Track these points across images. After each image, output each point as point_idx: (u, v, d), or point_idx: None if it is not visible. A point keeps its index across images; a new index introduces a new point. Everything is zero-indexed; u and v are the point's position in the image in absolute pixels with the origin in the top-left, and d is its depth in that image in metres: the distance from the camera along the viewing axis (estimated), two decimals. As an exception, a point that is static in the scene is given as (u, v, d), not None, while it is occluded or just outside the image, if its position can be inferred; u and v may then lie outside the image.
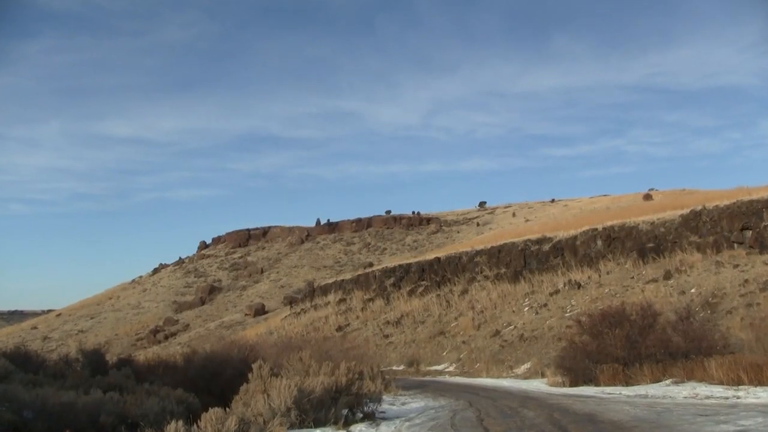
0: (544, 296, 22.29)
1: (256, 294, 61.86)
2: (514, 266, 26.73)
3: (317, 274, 67.40)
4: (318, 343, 19.30)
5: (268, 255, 79.74)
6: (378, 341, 26.15)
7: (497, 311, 23.25)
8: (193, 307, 61.07)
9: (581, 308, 18.41)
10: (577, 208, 64.51)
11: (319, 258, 74.07)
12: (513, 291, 24.71)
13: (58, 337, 54.36)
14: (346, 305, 34.20)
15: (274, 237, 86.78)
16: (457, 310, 25.83)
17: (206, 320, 54.97)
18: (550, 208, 74.00)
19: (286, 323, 35.88)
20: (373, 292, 33.74)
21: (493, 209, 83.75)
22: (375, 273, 36.00)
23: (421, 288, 30.80)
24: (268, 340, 28.11)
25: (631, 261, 21.65)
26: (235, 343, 18.48)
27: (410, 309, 28.43)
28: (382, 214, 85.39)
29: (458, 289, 28.22)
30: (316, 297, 39.07)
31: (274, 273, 70.25)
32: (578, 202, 73.25)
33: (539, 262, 25.83)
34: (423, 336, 24.43)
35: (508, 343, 19.34)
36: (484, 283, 27.20)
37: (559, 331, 17.72)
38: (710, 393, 8.83)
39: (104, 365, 12.70)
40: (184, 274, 75.56)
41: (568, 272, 23.65)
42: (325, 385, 8.64)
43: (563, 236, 26.02)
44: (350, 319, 31.40)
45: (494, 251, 28.63)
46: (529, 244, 27.03)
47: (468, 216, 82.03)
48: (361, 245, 76.54)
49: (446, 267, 30.88)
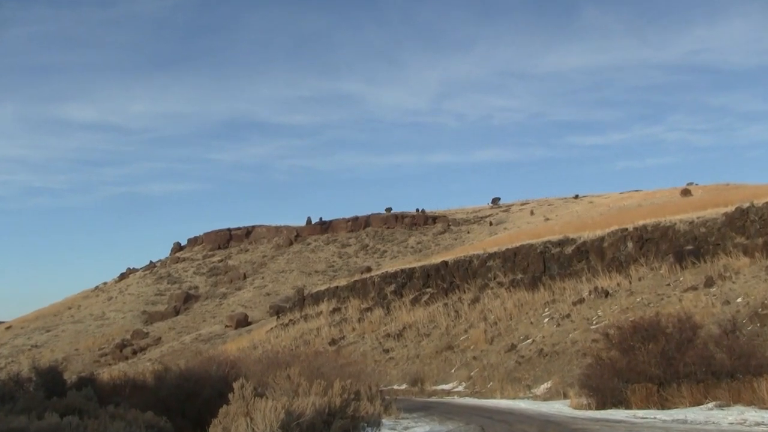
0: (566, 306, 22.24)
1: (238, 303, 61.87)
2: (532, 271, 26.70)
3: (308, 280, 67.40)
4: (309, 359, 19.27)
5: (251, 258, 79.79)
6: (377, 356, 26.13)
7: (513, 323, 23.20)
8: (166, 317, 61.10)
9: (609, 319, 18.36)
10: (605, 205, 64.52)
11: (310, 262, 74.10)
12: (531, 299, 24.67)
13: (8, 353, 54.35)
14: (340, 315, 34.19)
15: (259, 238, 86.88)
16: (467, 321, 25.80)
17: (181, 333, 54.98)
18: (573, 205, 73.98)
19: (272, 336, 35.87)
20: (372, 301, 33.71)
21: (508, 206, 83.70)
22: (374, 279, 35.96)
23: (426, 296, 30.77)
24: (252, 355, 28.08)
25: (666, 266, 21.60)
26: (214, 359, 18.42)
27: (413, 320, 28.41)
28: (382, 212, 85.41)
29: (468, 298, 28.19)
30: (306, 306, 39.05)
31: (258, 279, 70.29)
32: (606, 198, 73.28)
33: (561, 267, 25.79)
34: (428, 351, 24.40)
35: (525, 360, 19.30)
36: (498, 290, 27.17)
37: (584, 346, 17.66)
38: (761, 419, 8.77)
39: (62, 385, 12.63)
40: (155, 280, 75.58)
41: (594, 278, 23.61)
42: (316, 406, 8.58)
43: (588, 237, 25.98)
44: (345, 331, 31.38)
45: (509, 254, 28.59)
46: (550, 246, 26.99)
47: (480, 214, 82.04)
48: (358, 247, 76.59)
49: (455, 272, 30.85)
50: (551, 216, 67.02)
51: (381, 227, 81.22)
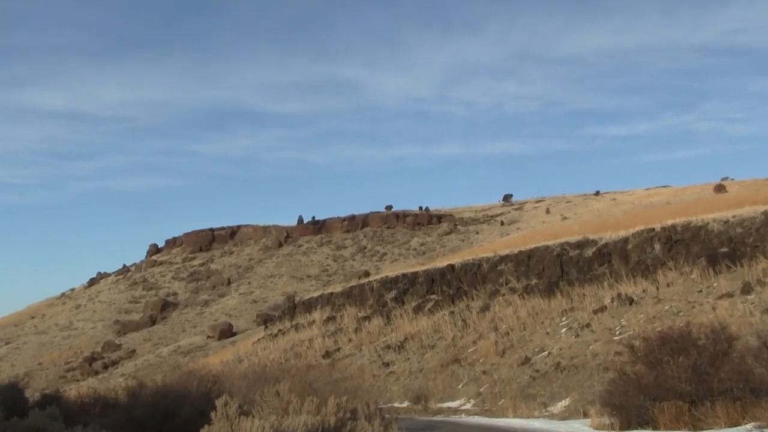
0: (586, 314, 22.22)
1: (222, 311, 61.89)
2: (548, 276, 26.69)
3: (299, 285, 67.40)
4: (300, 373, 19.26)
5: (237, 262, 79.78)
6: (376, 371, 26.12)
7: (527, 333, 23.19)
8: (141, 327, 61.12)
9: (634, 330, 18.35)
10: (629, 202, 64.57)
11: (302, 265, 74.10)
12: (547, 307, 24.66)
13: (-35, 366, 54.36)
14: (335, 325, 34.19)
15: (245, 239, 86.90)
16: (475, 331, 25.79)
17: (157, 344, 55.01)
18: (594, 202, 73.97)
19: (259, 348, 35.89)
20: (370, 309, 33.71)
21: (521, 204, 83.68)
22: (372, 284, 35.96)
23: (431, 303, 30.77)
24: (237, 369, 28.08)
25: (698, 270, 21.58)
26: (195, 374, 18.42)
27: (416, 330, 28.40)
28: (382, 211, 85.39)
29: (477, 305, 28.19)
30: (297, 315, 39.06)
31: (244, 284, 70.27)
32: (630, 195, 73.31)
33: (580, 271, 25.79)
34: (433, 364, 24.39)
35: (540, 374, 19.29)
36: (510, 297, 27.16)
37: (606, 359, 17.64)
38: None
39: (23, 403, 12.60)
40: (129, 286, 75.59)
41: (617, 284, 23.60)
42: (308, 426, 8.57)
43: (611, 238, 25.97)
44: (341, 342, 31.39)
45: (523, 257, 28.59)
46: (567, 248, 26.99)
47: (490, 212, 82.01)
48: (355, 249, 76.55)
49: (462, 277, 30.85)
50: (569, 215, 67.03)
51: (380, 227, 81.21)
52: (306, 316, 37.62)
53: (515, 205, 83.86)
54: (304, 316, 37.92)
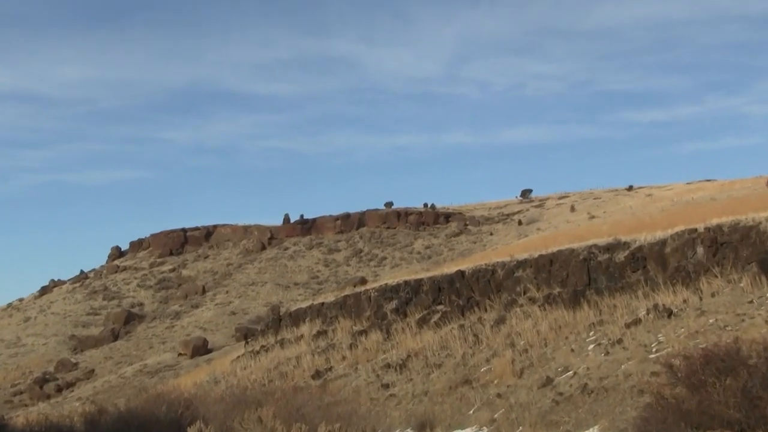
0: (617, 328, 22.20)
1: (195, 324, 61.86)
2: (574, 284, 26.68)
3: (285, 294, 67.36)
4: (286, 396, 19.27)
5: (213, 267, 79.73)
6: (374, 393, 26.12)
7: (548, 350, 23.17)
8: (102, 343, 61.09)
9: (673, 347, 18.32)
10: (668, 198, 64.60)
11: (289, 271, 74.06)
12: (572, 320, 24.64)
13: None
14: (326, 341, 34.21)
15: (223, 240, 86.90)
16: (489, 347, 25.78)
17: (120, 363, 54.96)
18: (626, 198, 74.06)
19: (238, 367, 35.91)
20: (367, 322, 33.72)
21: (542, 201, 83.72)
22: (369, 293, 35.96)
23: (437, 315, 30.78)
24: (213, 391, 28.07)
25: (748, 277, 21.54)
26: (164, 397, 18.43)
27: (421, 346, 28.39)
28: (381, 208, 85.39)
29: (491, 318, 28.19)
30: (283, 328, 39.07)
31: (221, 293, 70.26)
32: (669, 190, 73.39)
33: (610, 279, 25.77)
34: (439, 386, 24.39)
35: (564, 398, 19.28)
36: (530, 308, 27.16)
37: (641, 381, 17.62)
38: None
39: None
40: (87, 296, 75.54)
41: (653, 293, 23.58)
42: (294, 460, 8.51)
43: (646, 240, 25.94)
44: (333, 360, 31.40)
45: (544, 262, 28.58)
46: (596, 251, 26.97)
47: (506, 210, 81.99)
48: (350, 253, 76.53)
49: (473, 285, 30.85)
50: (598, 213, 67.10)
51: (379, 227, 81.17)
52: (293, 330, 37.61)
53: (535, 202, 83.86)
54: (291, 330, 37.91)
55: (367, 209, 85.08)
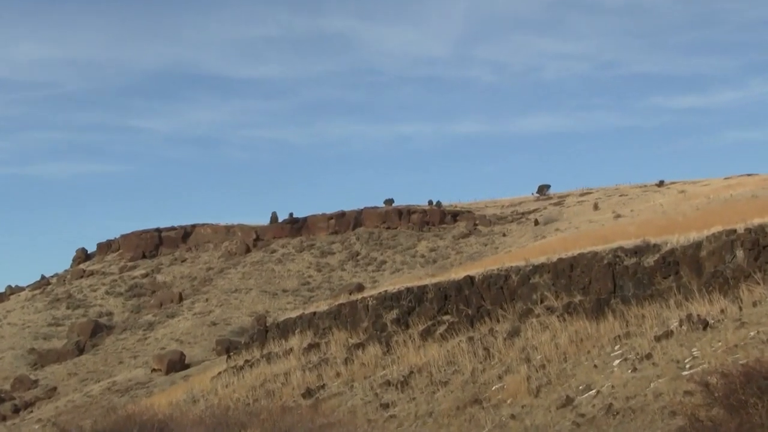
0: (646, 342, 22.18)
1: (171, 336, 61.92)
2: (597, 292, 26.70)
3: (272, 302, 67.37)
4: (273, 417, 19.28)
5: (191, 272, 79.81)
6: (372, 414, 26.15)
7: (568, 366, 23.17)
8: (65, 358, 61.09)
9: (710, 362, 18.30)
10: (703, 195, 64.70)
11: (276, 277, 74.11)
12: (595, 332, 24.63)
13: None
14: (319, 354, 34.25)
15: (202, 242, 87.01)
16: (501, 362, 25.78)
17: (86, 380, 55.01)
18: (657, 195, 74.19)
19: (219, 384, 35.94)
20: (365, 334, 33.75)
21: (562, 197, 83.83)
22: (367, 302, 35.99)
23: (443, 327, 30.82)
24: (191, 412, 28.05)
25: (793, 284, 21.53)
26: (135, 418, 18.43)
27: (425, 361, 28.40)
28: (380, 206, 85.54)
29: (504, 329, 28.19)
30: (270, 341, 39.09)
31: (200, 301, 70.29)
32: (705, 185, 73.57)
33: (638, 286, 25.77)
34: (446, 405, 24.40)
35: (586, 420, 19.29)
36: (547, 318, 27.16)
37: (673, 401, 17.63)
38: None
39: None
40: (49, 304, 75.68)
41: (686, 302, 23.56)
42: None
43: (679, 243, 25.92)
44: (326, 377, 31.41)
45: (563, 267, 28.59)
46: (622, 255, 26.96)
47: (521, 209, 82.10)
48: (345, 256, 76.57)
49: (484, 292, 30.87)
50: (624, 211, 67.20)
51: (378, 227, 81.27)
52: (281, 343, 37.63)
53: (553, 199, 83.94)
54: (279, 342, 37.93)
55: (364, 207, 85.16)
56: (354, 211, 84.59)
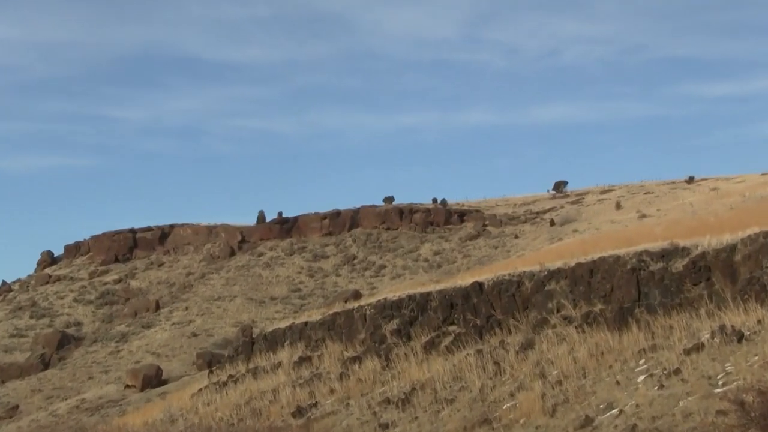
0: (674, 355, 22.19)
1: (147, 349, 61.88)
2: (619, 300, 26.70)
3: (259, 311, 67.27)
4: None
5: (169, 277, 79.64)
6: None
7: (588, 382, 23.18)
8: (29, 373, 61.01)
9: (745, 379, 18.29)
10: (738, 193, 64.64)
11: (264, 283, 73.95)
12: (617, 345, 24.64)
13: None
14: (311, 369, 34.26)
15: (182, 244, 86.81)
16: (513, 378, 25.81)
17: (52, 398, 54.95)
18: (686, 193, 74.21)
19: (200, 402, 35.95)
20: (362, 346, 33.78)
21: (581, 195, 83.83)
22: (365, 310, 36.01)
23: (449, 338, 30.85)
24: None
25: (837, 292, 21.55)
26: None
27: (428, 377, 28.43)
28: (380, 205, 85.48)
29: (516, 341, 28.21)
30: (256, 354, 39.14)
31: (179, 310, 70.19)
32: (739, 182, 73.53)
33: (666, 293, 25.78)
34: (451, 426, 24.41)
35: (608, 442, 19.31)
36: (564, 329, 27.17)
37: (704, 421, 17.65)
38: None
39: None
40: (11, 313, 75.63)
41: (719, 312, 23.59)
42: None
43: (710, 246, 25.92)
44: (319, 394, 31.45)
45: (582, 272, 28.60)
46: (647, 259, 26.97)
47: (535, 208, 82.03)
48: (340, 260, 76.45)
49: (494, 300, 30.90)
50: (650, 211, 67.22)
51: (377, 228, 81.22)
52: (269, 357, 37.68)
53: (571, 197, 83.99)
54: (266, 356, 37.97)
55: (362, 206, 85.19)
56: (350, 210, 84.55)
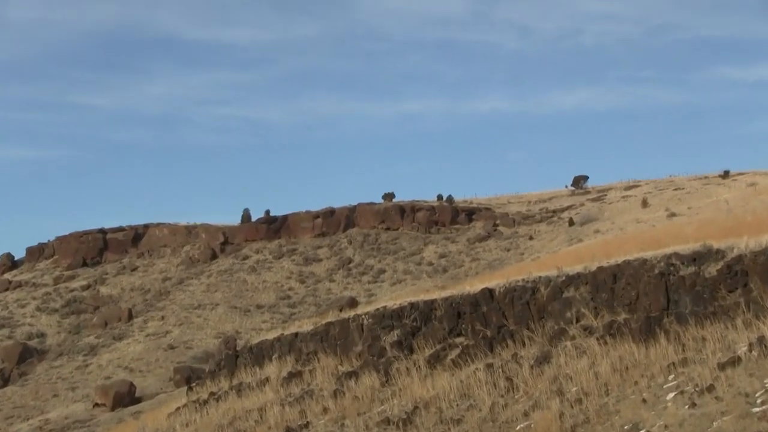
0: (707, 370, 22.18)
1: (119, 363, 62.03)
2: (646, 308, 26.72)
3: (244, 321, 67.42)
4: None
5: (143, 283, 79.76)
6: (367, 460, 26.21)
7: (611, 400, 23.20)
8: (-12, 388, 61.09)
9: (786, 396, 18.33)
10: (777, 189, 64.82)
11: (249, 289, 74.07)
12: (644, 359, 24.66)
13: None
14: (301, 386, 34.28)
15: (158, 246, 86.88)
16: (528, 396, 25.81)
17: (12, 417, 55.14)
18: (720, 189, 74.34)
19: (178, 423, 35.97)
20: (358, 360, 33.81)
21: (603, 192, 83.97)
22: (362, 320, 36.04)
23: (456, 351, 30.86)
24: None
25: None
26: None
27: (433, 394, 28.44)
28: (378, 202, 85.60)
29: (531, 355, 28.21)
30: (241, 369, 39.17)
31: (154, 320, 70.30)
32: (779, 177, 73.63)
33: (697, 301, 25.81)
34: (459, 450, 24.47)
35: (634, 467, 19.34)
36: (584, 341, 27.18)
37: (741, 444, 17.70)
38: None
39: None
40: (-33, 322, 75.54)
41: (757, 321, 23.59)
42: None
43: (748, 248, 25.92)
44: (311, 413, 31.45)
45: (605, 277, 28.63)
46: (677, 263, 26.97)
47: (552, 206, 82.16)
48: (335, 264, 76.54)
49: (506, 309, 30.92)
50: (680, 209, 67.34)
51: (375, 228, 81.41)
52: (255, 372, 37.71)
53: (592, 194, 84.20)
54: (252, 370, 38.00)
55: (358, 203, 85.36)
56: (346, 208, 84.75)
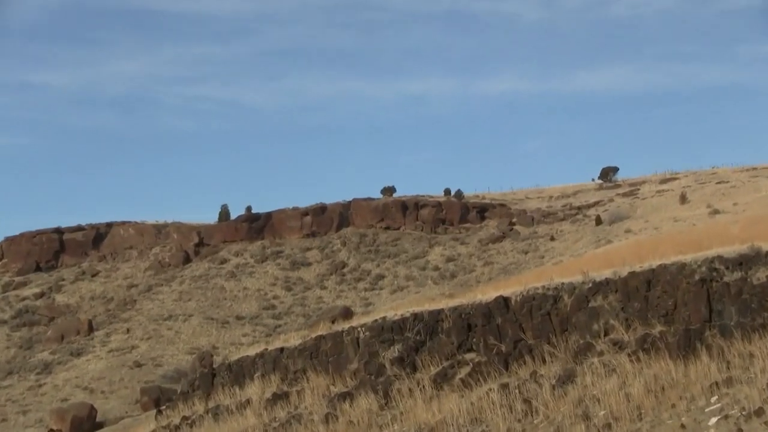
0: (756, 391, 22.15)
1: (78, 383, 61.97)
2: (685, 320, 26.68)
3: (222, 335, 67.34)
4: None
5: (106, 290, 79.70)
6: (363, 494, 26.15)
7: (645, 425, 23.15)
8: (-72, 411, 60.99)
9: None
10: (835, 183, 64.80)
11: (228, 297, 74.01)
12: (682, 378, 24.63)
13: None
14: (287, 409, 34.25)
15: (122, 248, 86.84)
16: (549, 421, 25.77)
17: (-43, 444, 54.88)
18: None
19: (145, 451, 35.90)
20: (354, 379, 33.76)
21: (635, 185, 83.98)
22: (358, 333, 36.01)
23: (466, 369, 30.83)
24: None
25: None
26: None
27: (439, 418, 28.39)
28: (377, 197, 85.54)
29: (552, 373, 28.18)
30: (218, 390, 39.12)
31: (118, 333, 70.23)
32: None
33: (744, 312, 25.76)
34: (469, 483, 24.41)
35: (671, 503, 19.27)
36: (614, 357, 27.15)
37: (795, 476, 17.62)
38: None
39: None
40: None
41: (813, 335, 23.56)
42: None
43: (803, 250, 25.89)
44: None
45: (637, 284, 28.58)
46: (721, 268, 26.93)
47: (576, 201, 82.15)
48: (326, 268, 76.48)
49: (524, 320, 30.87)
50: (723, 205, 67.32)
51: (373, 227, 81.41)
52: (234, 393, 37.67)
53: (623, 188, 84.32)
54: (231, 391, 37.96)
55: (353, 199, 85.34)
56: (339, 204, 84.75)
